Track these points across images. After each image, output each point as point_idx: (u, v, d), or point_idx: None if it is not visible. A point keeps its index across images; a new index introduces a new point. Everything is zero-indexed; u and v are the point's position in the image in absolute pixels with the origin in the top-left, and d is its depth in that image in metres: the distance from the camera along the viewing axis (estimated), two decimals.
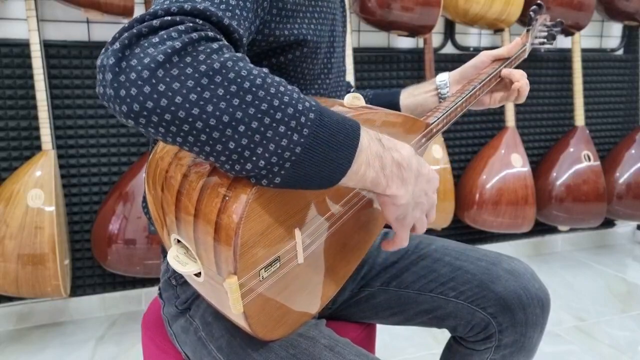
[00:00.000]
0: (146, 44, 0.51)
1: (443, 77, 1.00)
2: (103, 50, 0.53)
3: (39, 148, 1.74)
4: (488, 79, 0.95)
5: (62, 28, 1.80)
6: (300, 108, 0.55)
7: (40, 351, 1.74)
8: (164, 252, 0.86)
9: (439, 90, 0.99)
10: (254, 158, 0.53)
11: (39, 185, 1.65)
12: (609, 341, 1.81)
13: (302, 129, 0.54)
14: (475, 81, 0.94)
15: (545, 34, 1.16)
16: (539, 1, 1.12)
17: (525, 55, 1.07)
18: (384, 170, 0.61)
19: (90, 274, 1.94)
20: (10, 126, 1.77)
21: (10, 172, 1.75)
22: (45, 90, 1.69)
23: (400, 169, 0.63)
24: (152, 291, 2.02)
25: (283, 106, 0.53)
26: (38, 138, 1.75)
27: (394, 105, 1.01)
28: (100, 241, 1.76)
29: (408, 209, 0.67)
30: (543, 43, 1.15)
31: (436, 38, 2.27)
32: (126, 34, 0.52)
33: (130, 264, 1.76)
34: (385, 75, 2.21)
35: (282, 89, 0.55)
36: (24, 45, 1.73)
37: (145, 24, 0.53)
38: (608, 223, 2.71)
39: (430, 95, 1.00)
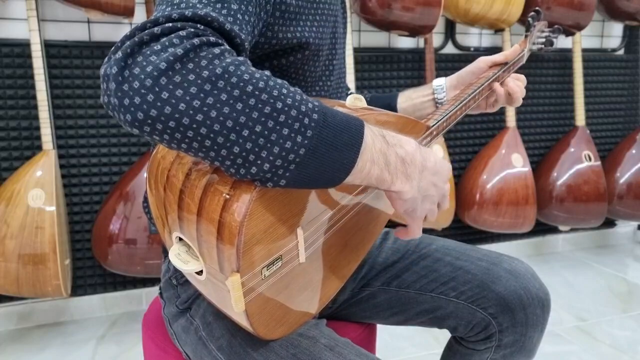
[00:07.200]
0: (148, 52, 0.51)
1: (439, 81, 1.00)
2: (106, 60, 0.53)
3: (39, 148, 1.74)
4: (487, 83, 0.96)
5: (63, 28, 1.80)
6: (304, 109, 0.54)
7: (41, 351, 1.74)
8: (165, 252, 0.86)
9: (435, 95, 1.00)
10: (259, 162, 0.53)
11: (39, 185, 1.65)
12: (609, 341, 1.81)
13: (306, 130, 0.54)
14: (474, 85, 0.95)
15: (543, 40, 1.18)
16: (537, 8, 1.14)
17: (524, 61, 1.09)
18: (389, 167, 0.62)
19: (91, 273, 1.94)
20: (10, 126, 1.77)
21: (11, 172, 1.75)
22: (45, 90, 1.69)
23: (404, 165, 0.63)
24: (153, 291, 2.02)
25: (286, 108, 0.53)
26: (39, 138, 1.75)
27: (392, 109, 1.01)
28: (100, 241, 1.76)
29: (416, 202, 0.67)
30: (541, 49, 1.18)
31: (437, 38, 2.27)
32: (128, 43, 0.52)
33: (130, 264, 1.76)
34: (386, 75, 2.21)
35: (284, 91, 0.54)
36: (25, 45, 1.73)
37: (146, 31, 0.53)
38: (609, 223, 2.71)
39: (427, 99, 1.01)
